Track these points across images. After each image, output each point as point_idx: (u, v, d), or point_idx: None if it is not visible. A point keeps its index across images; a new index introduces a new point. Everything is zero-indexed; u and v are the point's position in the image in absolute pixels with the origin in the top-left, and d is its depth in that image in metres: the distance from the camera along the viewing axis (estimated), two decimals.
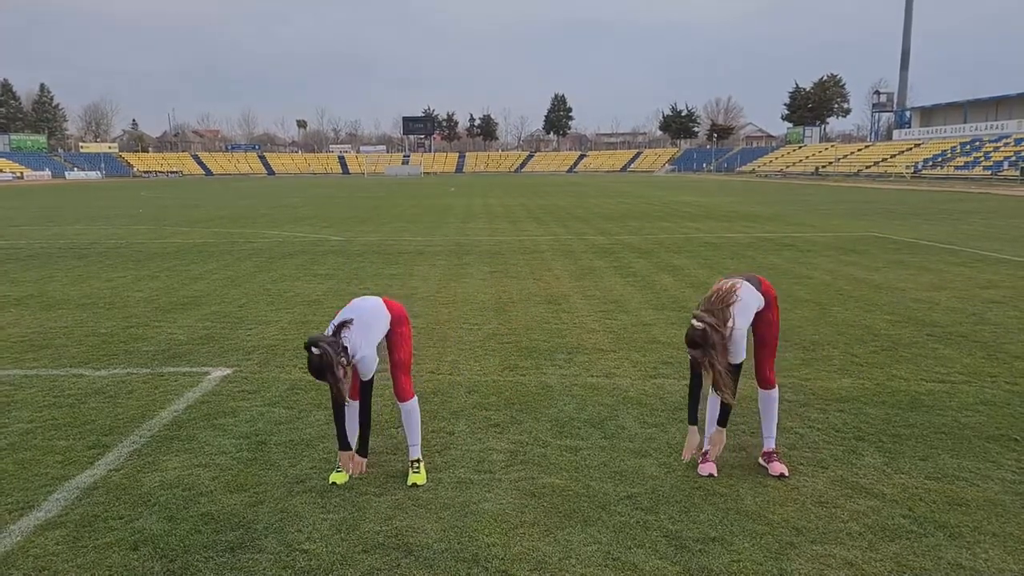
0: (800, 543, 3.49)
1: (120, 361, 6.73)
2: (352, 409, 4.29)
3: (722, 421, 4.27)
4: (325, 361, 3.81)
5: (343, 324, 3.98)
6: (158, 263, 13.38)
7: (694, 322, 3.94)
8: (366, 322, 4.09)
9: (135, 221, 23.80)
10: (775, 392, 4.40)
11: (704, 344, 3.91)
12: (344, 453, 4.23)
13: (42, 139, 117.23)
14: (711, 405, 4.35)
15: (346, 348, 3.93)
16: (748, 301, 4.13)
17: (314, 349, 3.81)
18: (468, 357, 6.78)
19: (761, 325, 4.32)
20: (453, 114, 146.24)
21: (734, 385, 4.09)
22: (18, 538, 3.58)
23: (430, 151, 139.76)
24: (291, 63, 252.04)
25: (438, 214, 26.12)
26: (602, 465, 4.40)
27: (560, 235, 18.14)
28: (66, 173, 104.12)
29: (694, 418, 4.29)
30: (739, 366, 4.10)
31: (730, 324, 3.98)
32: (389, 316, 4.24)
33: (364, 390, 4.17)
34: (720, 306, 3.99)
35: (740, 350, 4.05)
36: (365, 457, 4.25)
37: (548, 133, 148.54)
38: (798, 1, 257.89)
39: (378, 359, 4.12)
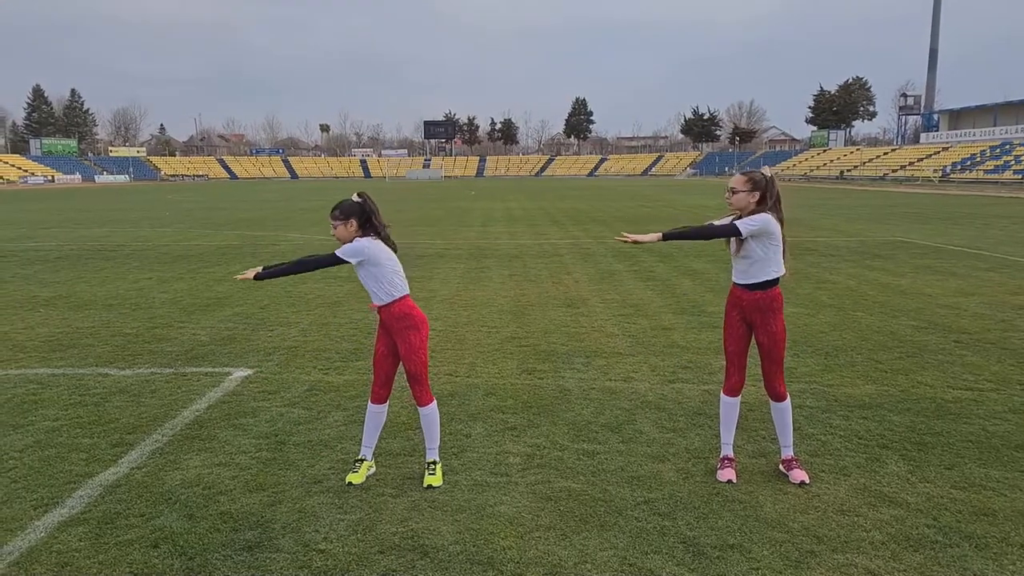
0: (821, 552, 3.44)
1: (144, 361, 6.82)
2: (376, 413, 4.30)
3: (670, 233, 4.23)
4: (362, 205, 4.00)
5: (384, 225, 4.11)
6: (183, 265, 13.56)
7: (764, 169, 4.11)
8: (390, 258, 4.11)
9: (161, 224, 24.14)
10: (787, 404, 4.29)
11: (761, 189, 4.04)
12: (259, 271, 4.10)
13: (73, 143, 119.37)
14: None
15: (369, 233, 4.05)
16: (777, 237, 4.06)
17: (366, 195, 4.07)
18: (486, 360, 6.78)
19: (764, 336, 4.16)
20: (474, 118, 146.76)
21: (714, 233, 4.12)
22: (42, 534, 3.64)
23: (451, 155, 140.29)
24: (315, 68, 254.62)
25: (458, 217, 26.19)
26: (619, 469, 4.37)
27: (580, 239, 18.10)
28: (96, 177, 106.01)
29: (669, 235, 4.23)
30: (736, 231, 4.02)
31: (764, 214, 4.02)
32: (401, 295, 4.15)
33: (308, 259, 4.09)
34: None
35: (751, 225, 4.00)
36: (261, 278, 4.11)
37: (569, 137, 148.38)
38: (822, 1, 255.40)
39: (355, 260, 4.02)
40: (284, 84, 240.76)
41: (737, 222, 4.04)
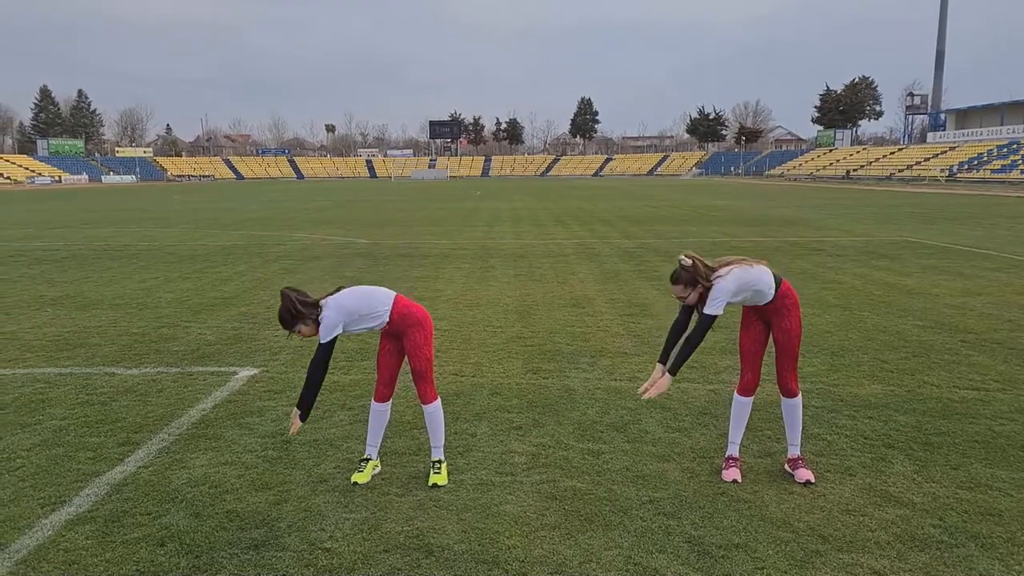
0: (826, 551, 3.43)
1: (151, 360, 6.85)
2: (380, 412, 4.32)
3: (673, 369, 4.07)
4: (284, 307, 3.97)
5: (336, 291, 4.13)
6: (189, 265, 13.60)
7: (681, 258, 3.97)
8: (354, 294, 4.14)
9: (167, 224, 24.22)
10: (799, 400, 4.32)
11: (684, 281, 3.96)
12: (299, 413, 4.07)
13: (79, 144, 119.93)
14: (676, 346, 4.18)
15: (320, 307, 4.05)
16: (755, 275, 4.02)
17: (282, 293, 4.00)
18: (491, 360, 6.79)
19: (779, 332, 4.20)
20: (479, 118, 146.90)
21: (699, 336, 3.99)
22: (49, 532, 3.66)
23: (456, 155, 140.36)
24: (320, 69, 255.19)
25: (464, 217, 26.21)
26: (624, 469, 4.37)
27: (585, 239, 18.09)
28: (102, 177, 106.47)
29: (665, 357, 4.17)
30: (711, 319, 3.98)
31: (721, 273, 3.96)
32: (386, 314, 4.14)
33: (317, 356, 4.03)
34: (725, 260, 4.02)
35: (716, 303, 3.95)
36: (303, 420, 4.11)
37: (574, 137, 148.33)
38: (828, 1, 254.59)
39: (337, 333, 4.02)
40: (290, 85, 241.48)
41: (705, 310, 3.99)
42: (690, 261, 3.96)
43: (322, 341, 4.03)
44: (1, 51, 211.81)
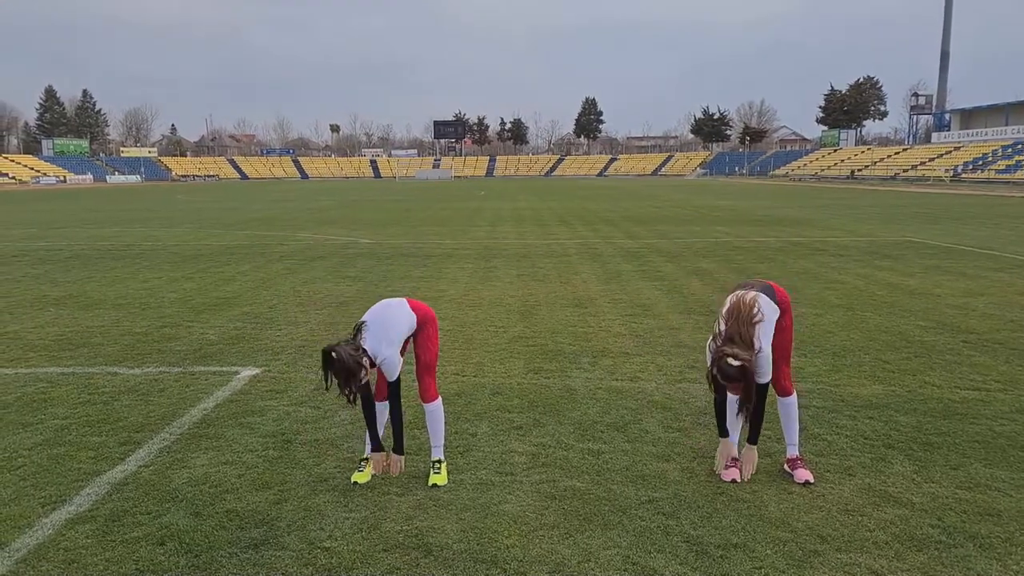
0: (825, 551, 3.43)
1: (153, 360, 6.87)
2: (380, 410, 4.34)
3: (753, 439, 4.23)
4: (343, 365, 3.83)
5: (359, 327, 4.03)
6: (192, 265, 13.64)
7: (731, 360, 3.77)
8: (383, 323, 4.11)
9: (171, 224, 24.29)
10: (793, 398, 4.32)
11: (742, 378, 3.85)
12: (377, 455, 4.27)
13: (84, 144, 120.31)
14: (738, 423, 4.30)
15: (365, 350, 3.96)
16: (769, 317, 4.05)
17: (333, 354, 3.83)
18: (493, 359, 6.80)
19: (775, 332, 4.18)
20: (484, 118, 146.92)
21: (761, 405, 4.08)
22: (49, 531, 3.67)
23: (461, 155, 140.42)
24: (325, 69, 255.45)
25: (467, 217, 26.22)
26: (624, 469, 4.37)
27: (588, 239, 18.09)
28: (107, 177, 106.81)
29: (725, 431, 4.26)
30: (766, 386, 4.06)
31: (757, 346, 3.91)
32: (413, 316, 4.25)
33: (392, 390, 4.20)
34: (745, 327, 3.90)
35: (766, 371, 3.99)
36: (402, 455, 4.31)
37: (579, 137, 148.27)
38: (833, 1, 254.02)
39: (402, 360, 4.15)
40: (294, 85, 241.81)
41: (760, 381, 3.95)
42: (740, 363, 3.78)
43: (392, 379, 4.14)
44: (6, 51, 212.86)
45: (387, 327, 4.11)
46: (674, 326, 8.12)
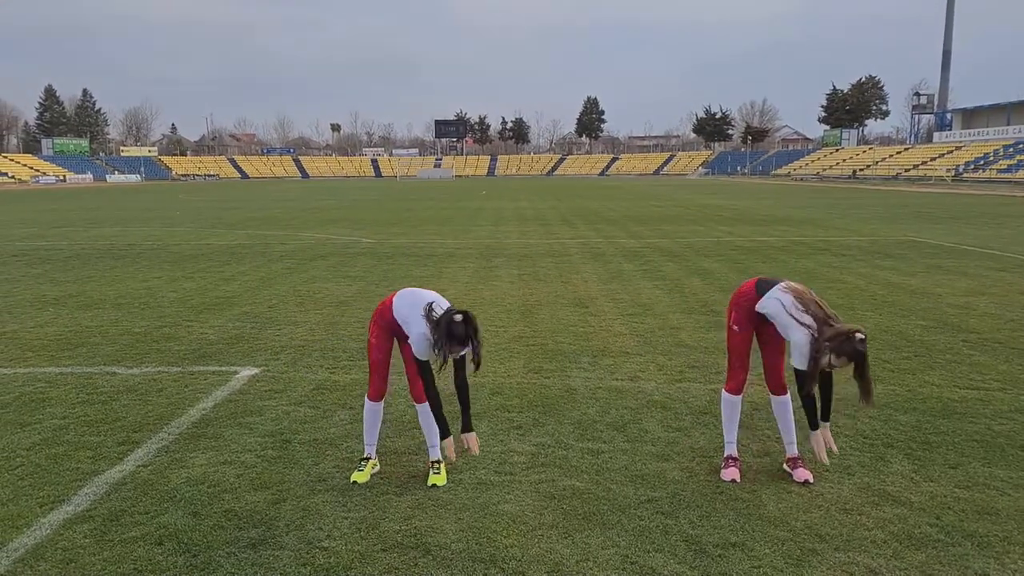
0: (823, 550, 3.43)
1: (152, 360, 6.87)
2: (376, 410, 4.33)
3: (826, 415, 4.14)
4: (475, 325, 3.83)
5: (430, 306, 3.97)
6: (192, 264, 13.64)
7: (859, 335, 3.74)
8: (427, 304, 4.04)
9: (172, 223, 24.30)
10: (789, 397, 4.30)
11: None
12: (448, 441, 4.15)
13: (84, 143, 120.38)
14: (807, 408, 4.16)
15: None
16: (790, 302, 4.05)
17: (457, 316, 3.80)
18: (493, 359, 6.79)
19: (773, 329, 4.17)
20: (485, 117, 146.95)
21: (816, 372, 3.96)
22: (48, 531, 3.67)
23: (462, 154, 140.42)
24: (326, 68, 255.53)
25: (469, 217, 26.22)
26: (623, 468, 4.37)
27: (590, 238, 18.08)
28: (107, 176, 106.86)
29: (816, 423, 4.13)
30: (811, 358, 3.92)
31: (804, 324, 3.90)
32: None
33: (428, 380, 4.10)
34: (825, 306, 3.94)
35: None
36: (472, 430, 4.19)
37: (580, 136, 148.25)
38: (835, 1, 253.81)
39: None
40: (295, 84, 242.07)
41: (800, 362, 3.89)
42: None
43: (425, 356, 4.07)
44: (6, 50, 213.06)
45: (429, 306, 4.03)
46: (675, 326, 8.12)
